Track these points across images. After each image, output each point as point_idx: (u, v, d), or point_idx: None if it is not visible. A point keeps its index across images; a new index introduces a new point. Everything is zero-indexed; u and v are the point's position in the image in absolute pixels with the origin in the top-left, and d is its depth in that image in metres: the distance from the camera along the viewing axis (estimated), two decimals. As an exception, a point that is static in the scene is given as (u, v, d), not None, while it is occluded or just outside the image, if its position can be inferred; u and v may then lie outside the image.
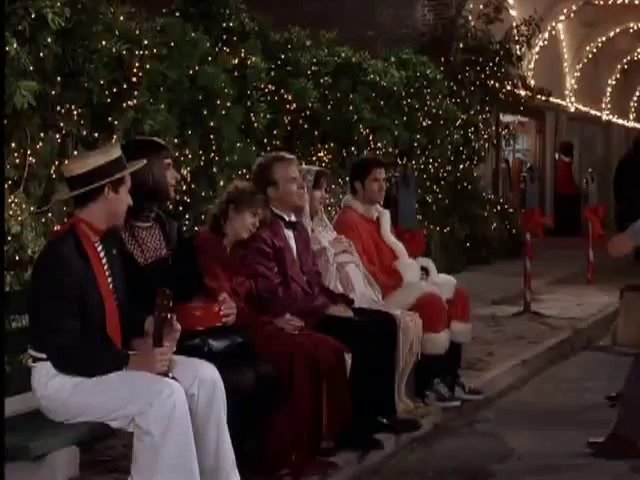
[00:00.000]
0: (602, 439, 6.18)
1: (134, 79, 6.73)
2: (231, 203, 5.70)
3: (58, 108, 6.34)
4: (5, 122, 5.81)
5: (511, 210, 15.58)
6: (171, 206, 7.17)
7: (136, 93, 6.75)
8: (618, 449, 6.10)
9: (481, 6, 14.62)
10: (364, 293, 6.72)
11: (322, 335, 5.66)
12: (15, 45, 5.78)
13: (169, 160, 5.16)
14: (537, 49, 17.96)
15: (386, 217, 7.35)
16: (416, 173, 11.82)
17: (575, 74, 21.75)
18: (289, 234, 6.11)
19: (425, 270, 7.38)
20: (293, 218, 6.18)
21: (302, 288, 6.02)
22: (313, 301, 5.99)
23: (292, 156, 6.22)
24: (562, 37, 20.90)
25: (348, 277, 6.70)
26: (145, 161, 4.79)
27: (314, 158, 9.72)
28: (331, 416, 5.53)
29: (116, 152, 4.62)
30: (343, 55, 10.58)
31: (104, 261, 4.60)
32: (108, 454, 5.66)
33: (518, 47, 14.99)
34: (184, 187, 7.67)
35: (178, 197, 7.51)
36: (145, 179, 4.96)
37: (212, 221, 5.76)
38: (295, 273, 6.02)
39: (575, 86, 21.76)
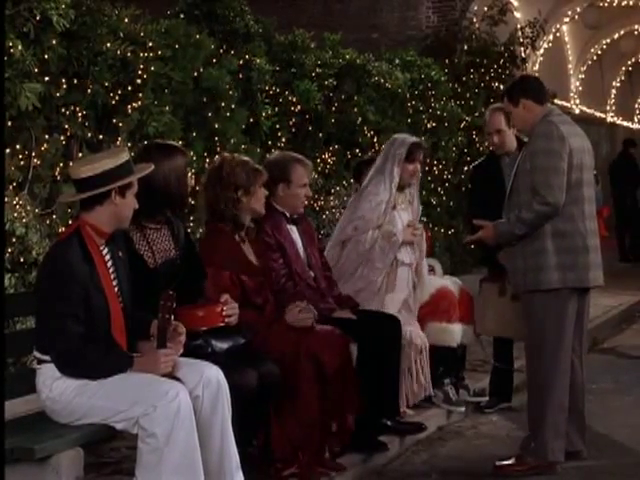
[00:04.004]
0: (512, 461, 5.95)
1: (138, 81, 6.71)
2: (240, 189, 5.52)
3: (63, 110, 6.34)
4: (10, 124, 5.82)
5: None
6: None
7: (140, 95, 6.75)
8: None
9: (485, 8, 14.60)
10: (399, 298, 6.71)
11: (327, 327, 5.66)
12: (20, 47, 5.78)
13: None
14: (541, 51, 17.91)
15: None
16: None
17: (580, 76, 21.71)
18: (291, 228, 6.13)
19: (432, 269, 7.44)
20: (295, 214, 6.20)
21: (308, 283, 6.02)
22: (319, 302, 5.98)
23: (309, 162, 6.24)
24: (566, 39, 20.85)
25: (394, 277, 6.68)
26: (153, 166, 4.79)
27: (318, 160, 9.71)
28: (339, 414, 5.54)
29: (124, 156, 4.61)
30: (347, 57, 10.54)
31: (109, 264, 4.60)
32: (112, 456, 5.67)
33: (522, 49, 14.94)
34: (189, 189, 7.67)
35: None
36: (171, 182, 5.00)
37: (221, 215, 5.52)
38: (300, 267, 6.02)
39: (580, 88, 21.71)
